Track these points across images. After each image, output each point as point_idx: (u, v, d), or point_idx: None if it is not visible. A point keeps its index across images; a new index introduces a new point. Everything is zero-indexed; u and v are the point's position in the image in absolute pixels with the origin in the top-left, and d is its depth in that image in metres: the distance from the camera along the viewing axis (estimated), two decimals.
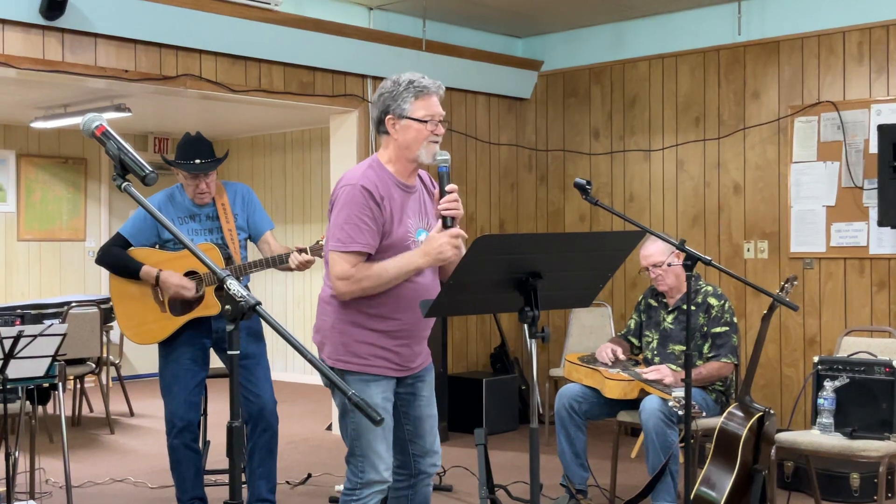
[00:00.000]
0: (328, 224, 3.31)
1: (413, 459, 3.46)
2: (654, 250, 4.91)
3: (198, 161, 4.40)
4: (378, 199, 3.19)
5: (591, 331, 7.00)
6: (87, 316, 6.87)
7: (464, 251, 3.07)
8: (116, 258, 4.49)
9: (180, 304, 4.46)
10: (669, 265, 4.86)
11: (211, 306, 4.44)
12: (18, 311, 5.45)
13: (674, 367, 4.77)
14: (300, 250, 4.23)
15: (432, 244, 3.14)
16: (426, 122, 3.24)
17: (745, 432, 4.28)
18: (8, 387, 4.13)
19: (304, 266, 4.26)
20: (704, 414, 4.64)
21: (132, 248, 4.51)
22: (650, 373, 4.73)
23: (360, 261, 3.18)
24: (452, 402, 7.02)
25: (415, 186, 3.36)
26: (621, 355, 4.93)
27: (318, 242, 4.20)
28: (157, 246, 4.54)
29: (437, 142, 3.27)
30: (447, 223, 3.14)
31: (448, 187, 3.14)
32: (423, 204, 3.38)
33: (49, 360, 4.18)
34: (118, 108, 7.71)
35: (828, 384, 4.50)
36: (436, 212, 3.22)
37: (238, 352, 2.17)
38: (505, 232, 7.74)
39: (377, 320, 3.27)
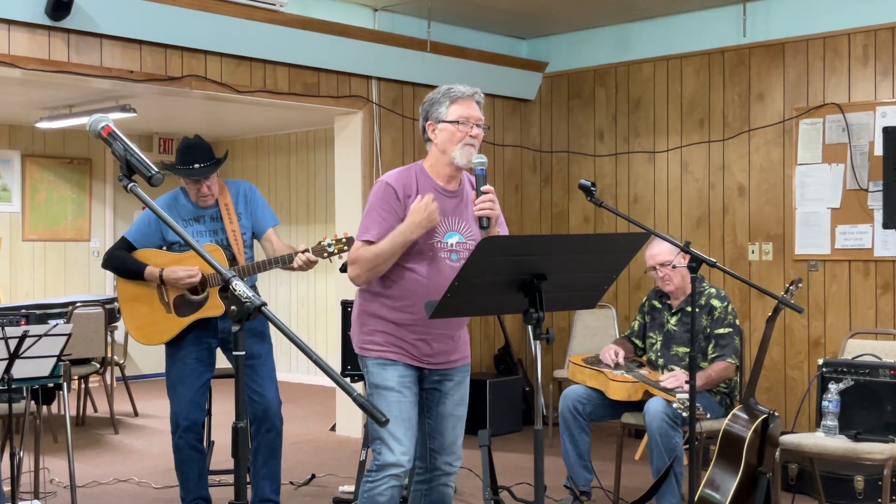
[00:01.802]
0: None
1: (430, 455, 3.53)
2: (661, 250, 4.91)
3: (196, 166, 4.41)
4: (402, 196, 3.39)
5: (594, 332, 6.99)
6: (91, 316, 6.88)
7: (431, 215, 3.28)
8: (121, 261, 4.51)
9: (185, 305, 4.47)
10: (674, 267, 4.86)
11: (215, 307, 4.45)
12: (23, 311, 5.45)
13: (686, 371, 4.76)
14: (304, 251, 4.24)
15: (417, 218, 3.31)
16: (460, 123, 3.40)
17: (749, 434, 4.28)
18: (13, 387, 4.14)
19: (306, 266, 4.27)
20: (709, 416, 4.64)
21: (137, 250, 4.53)
22: (668, 380, 4.67)
23: None
24: None
25: (457, 192, 3.50)
26: (621, 360, 4.91)
27: (319, 243, 4.23)
28: (164, 248, 4.55)
29: (472, 144, 3.42)
30: (483, 224, 3.33)
31: (483, 188, 3.33)
32: (463, 209, 3.50)
33: (54, 360, 4.19)
34: (123, 109, 7.71)
35: (832, 386, 4.49)
36: (474, 212, 3.38)
37: (243, 352, 2.17)
38: (509, 233, 7.73)
39: (393, 312, 3.43)
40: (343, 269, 4.55)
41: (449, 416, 3.52)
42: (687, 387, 4.62)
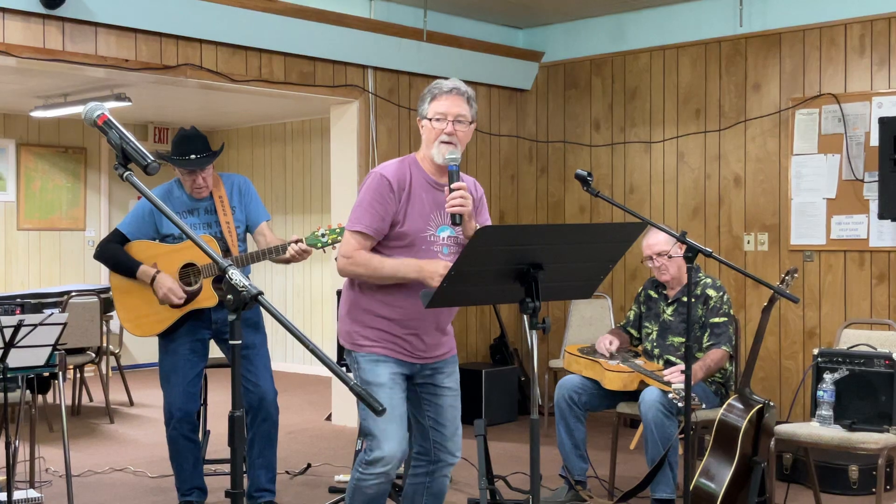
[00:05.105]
0: None
1: (434, 447, 3.57)
2: (657, 240, 4.91)
3: (192, 157, 4.41)
4: (396, 188, 3.38)
5: (590, 322, 7.00)
6: (86, 305, 6.87)
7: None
8: (114, 255, 4.50)
9: None
10: (671, 257, 4.87)
11: (207, 298, 4.44)
12: (18, 300, 5.44)
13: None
14: (297, 241, 4.24)
15: (429, 268, 3.31)
16: (438, 120, 3.40)
17: (744, 424, 4.29)
18: (8, 376, 4.13)
19: (300, 256, 4.26)
20: (704, 406, 4.65)
21: (130, 242, 4.51)
22: (674, 374, 4.64)
23: (363, 242, 3.38)
24: None
25: None
26: (614, 348, 4.91)
27: (313, 233, 4.22)
28: (157, 240, 4.54)
29: (447, 142, 3.40)
30: (455, 220, 3.32)
31: (454, 185, 3.31)
32: None
33: (49, 349, 4.19)
34: (118, 98, 7.69)
35: (827, 376, 4.50)
36: (445, 208, 3.37)
37: (240, 342, 2.17)
38: (505, 223, 7.73)
39: (385, 307, 3.42)
40: None
41: (448, 408, 3.57)
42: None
